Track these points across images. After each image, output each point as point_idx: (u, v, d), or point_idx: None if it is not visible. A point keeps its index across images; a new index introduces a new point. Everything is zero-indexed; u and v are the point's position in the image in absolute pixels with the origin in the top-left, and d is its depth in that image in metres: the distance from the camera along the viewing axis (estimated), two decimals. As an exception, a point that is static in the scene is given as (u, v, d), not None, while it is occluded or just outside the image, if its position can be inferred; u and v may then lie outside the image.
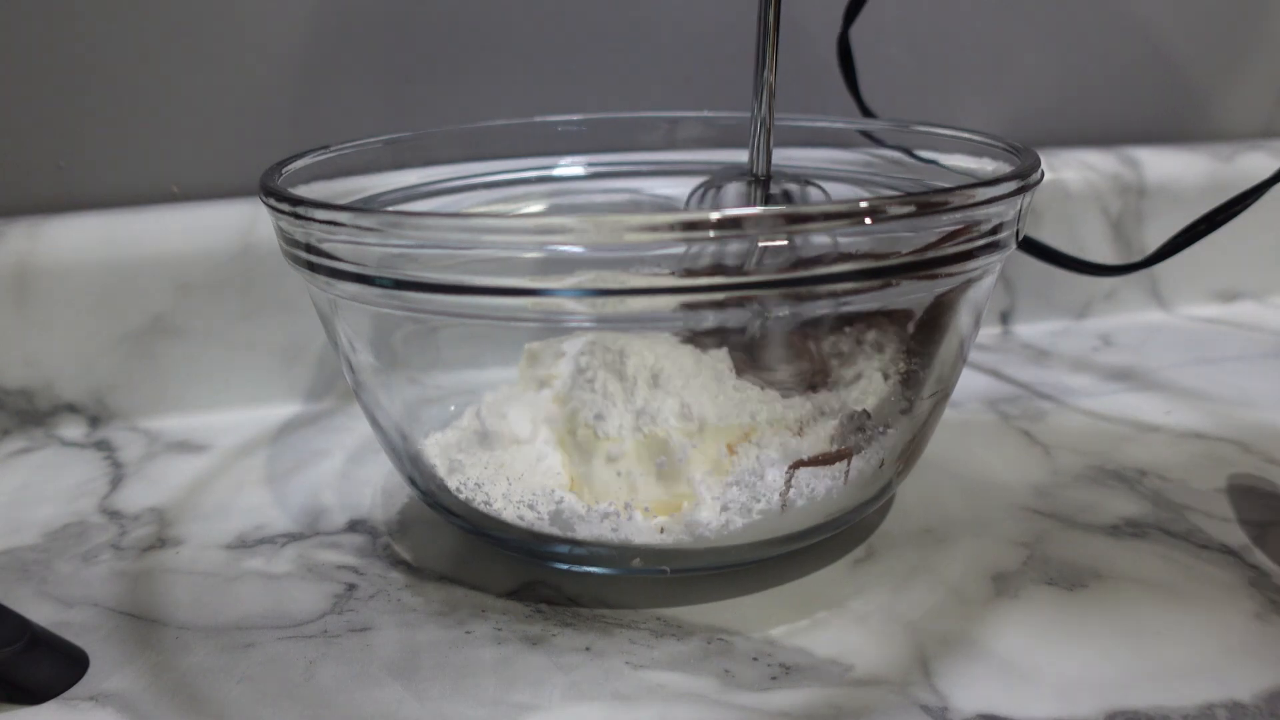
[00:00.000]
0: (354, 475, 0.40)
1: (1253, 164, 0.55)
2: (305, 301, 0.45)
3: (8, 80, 0.44)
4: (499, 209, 0.42)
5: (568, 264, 0.25)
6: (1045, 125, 0.56)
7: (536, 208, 0.43)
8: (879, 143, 0.43)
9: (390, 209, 0.38)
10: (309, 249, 0.28)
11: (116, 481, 0.40)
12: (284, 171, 0.32)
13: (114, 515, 0.37)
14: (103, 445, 0.43)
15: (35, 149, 0.45)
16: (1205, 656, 0.27)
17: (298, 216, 0.27)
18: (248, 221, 0.45)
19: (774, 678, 0.27)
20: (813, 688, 0.27)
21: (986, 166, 0.36)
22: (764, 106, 0.35)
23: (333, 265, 0.27)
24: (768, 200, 0.37)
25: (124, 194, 0.46)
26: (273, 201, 0.28)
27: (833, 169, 0.42)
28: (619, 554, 0.30)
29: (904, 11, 0.52)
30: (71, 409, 0.44)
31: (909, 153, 0.41)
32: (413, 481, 0.33)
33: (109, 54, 0.44)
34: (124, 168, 0.46)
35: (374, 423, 0.33)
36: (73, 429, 0.44)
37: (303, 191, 0.32)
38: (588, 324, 0.27)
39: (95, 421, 0.45)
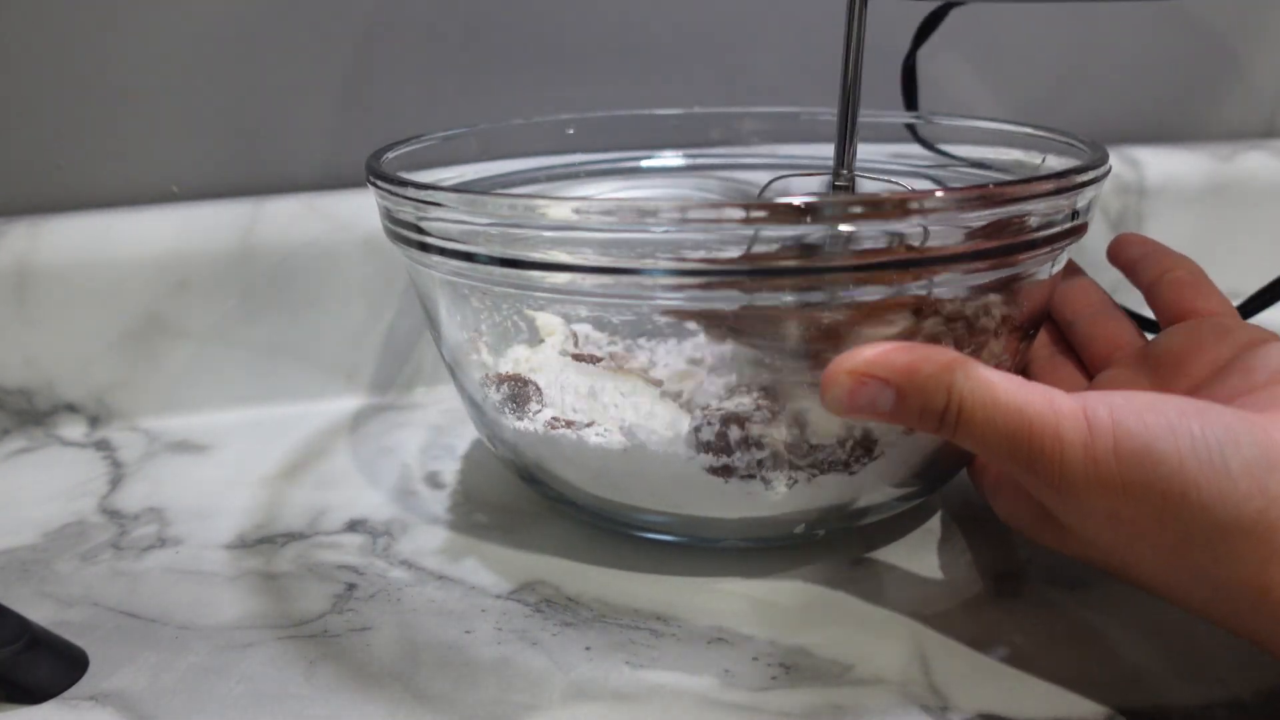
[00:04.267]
0: (355, 474, 0.40)
1: (1253, 164, 0.55)
2: (305, 301, 0.45)
3: (7, 80, 0.44)
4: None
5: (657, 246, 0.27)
6: (1044, 124, 0.56)
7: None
8: (923, 142, 0.43)
9: (490, 191, 0.40)
10: (413, 228, 0.30)
11: (116, 481, 0.40)
12: (384, 159, 0.34)
13: (114, 515, 0.37)
14: (102, 445, 0.43)
15: (35, 149, 0.45)
16: (1205, 656, 0.27)
17: (405, 198, 0.29)
18: (248, 221, 0.45)
19: (774, 678, 0.27)
20: (813, 688, 0.27)
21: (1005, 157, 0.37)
22: (850, 104, 0.35)
23: (438, 244, 0.29)
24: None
25: (124, 194, 0.46)
26: (381, 183, 0.30)
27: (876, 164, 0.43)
28: (785, 522, 0.31)
29: (903, 9, 0.52)
30: (71, 409, 0.44)
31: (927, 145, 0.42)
32: (509, 461, 0.34)
33: (108, 54, 0.44)
34: (124, 168, 0.46)
35: (471, 404, 0.34)
36: (72, 429, 0.44)
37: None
38: (679, 303, 0.28)
39: (95, 421, 0.45)
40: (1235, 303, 0.37)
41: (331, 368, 0.46)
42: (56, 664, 0.28)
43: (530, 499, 0.37)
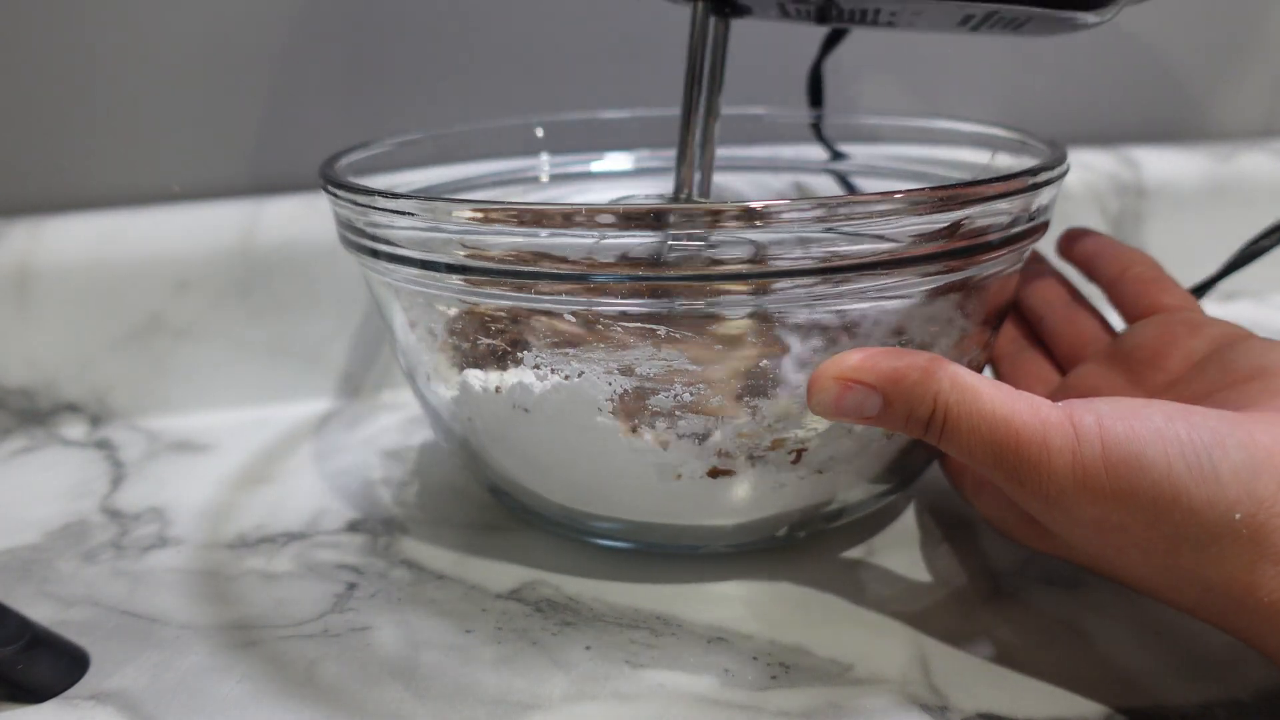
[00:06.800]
0: (356, 473, 0.40)
1: (1252, 164, 0.55)
2: (305, 301, 0.45)
3: (8, 80, 0.44)
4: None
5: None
6: (1043, 125, 0.56)
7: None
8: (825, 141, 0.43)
9: (443, 196, 0.40)
10: (367, 236, 0.30)
11: (117, 481, 0.40)
12: (338, 164, 0.34)
13: (115, 514, 0.37)
14: (103, 444, 0.43)
15: (35, 149, 0.45)
16: (1203, 656, 0.27)
17: (357, 204, 0.29)
18: (248, 221, 0.45)
19: (774, 677, 0.27)
20: (813, 687, 0.27)
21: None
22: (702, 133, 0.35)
23: (391, 251, 0.29)
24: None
25: (124, 194, 0.46)
26: (335, 190, 0.30)
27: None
28: (770, 524, 0.31)
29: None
30: (72, 408, 0.44)
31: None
32: (470, 469, 0.34)
33: (109, 54, 0.44)
34: (124, 168, 0.46)
35: (432, 412, 0.34)
36: (73, 428, 0.44)
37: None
38: (644, 310, 0.27)
39: (96, 421, 0.45)
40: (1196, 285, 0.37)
41: (332, 367, 0.46)
42: (57, 663, 0.28)
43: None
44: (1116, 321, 0.35)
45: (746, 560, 0.32)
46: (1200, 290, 0.38)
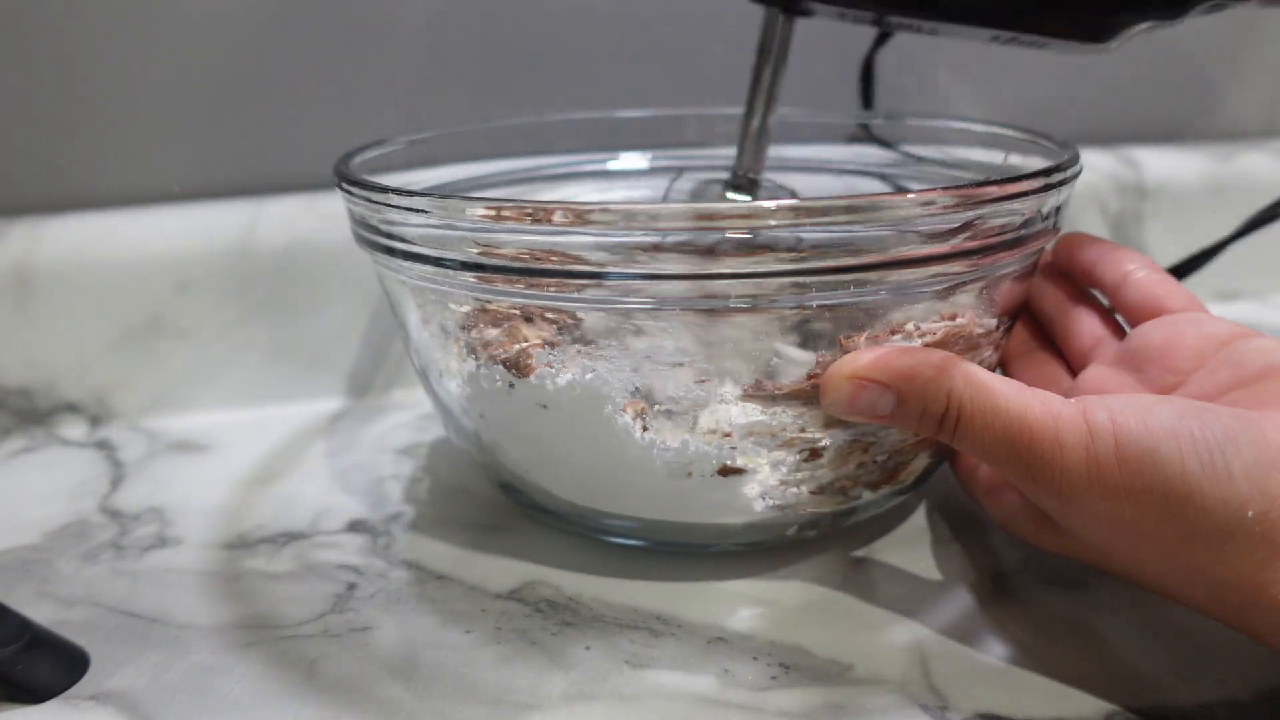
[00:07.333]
0: (356, 473, 0.40)
1: (1252, 164, 0.55)
2: (304, 301, 0.45)
3: (8, 80, 0.44)
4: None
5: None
6: (1043, 125, 0.56)
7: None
8: (883, 141, 0.43)
9: (457, 194, 0.40)
10: (382, 233, 0.30)
11: (117, 481, 0.40)
12: (352, 162, 0.34)
13: (114, 515, 0.37)
14: (103, 445, 0.43)
15: (35, 149, 0.45)
16: (1204, 656, 0.27)
17: (372, 202, 0.29)
18: (248, 221, 0.45)
19: (774, 677, 0.27)
20: (813, 688, 0.27)
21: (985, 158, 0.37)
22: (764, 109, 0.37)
23: (405, 248, 0.29)
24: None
25: (124, 194, 0.46)
26: (349, 187, 0.30)
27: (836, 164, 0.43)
28: (780, 523, 0.31)
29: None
30: (72, 408, 0.44)
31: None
32: (482, 466, 0.34)
33: (109, 54, 0.44)
34: (124, 168, 0.46)
35: (444, 410, 0.34)
36: (73, 428, 0.44)
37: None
38: (652, 307, 0.27)
39: (96, 421, 0.45)
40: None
41: (332, 367, 0.46)
42: (57, 663, 0.28)
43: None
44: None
45: (750, 559, 0.32)
46: (1198, 261, 0.38)
